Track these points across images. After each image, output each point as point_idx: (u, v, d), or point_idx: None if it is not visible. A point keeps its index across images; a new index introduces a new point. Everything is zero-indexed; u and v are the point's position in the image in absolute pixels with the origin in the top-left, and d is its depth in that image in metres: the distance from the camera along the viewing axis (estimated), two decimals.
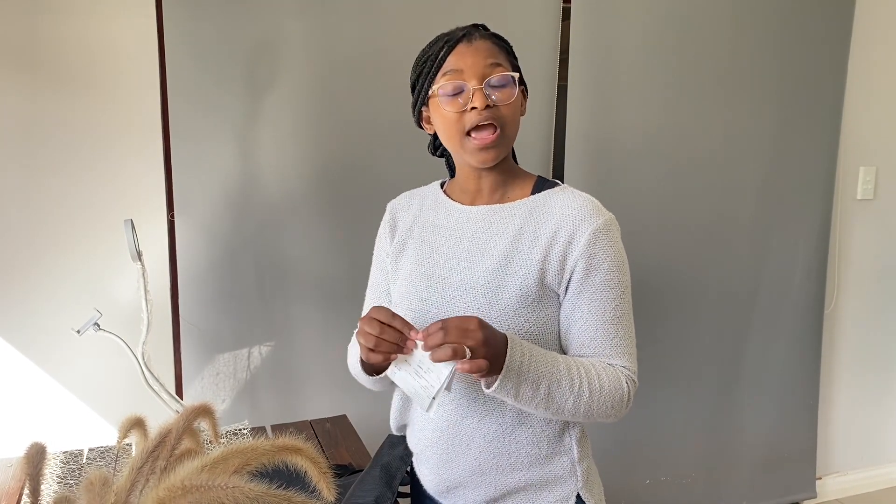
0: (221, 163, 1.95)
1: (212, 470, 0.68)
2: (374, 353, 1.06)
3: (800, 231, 2.58)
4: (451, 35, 1.18)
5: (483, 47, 1.15)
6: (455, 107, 1.14)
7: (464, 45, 1.15)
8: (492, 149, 1.15)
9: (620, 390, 1.13)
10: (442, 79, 1.15)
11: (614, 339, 1.15)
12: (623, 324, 1.16)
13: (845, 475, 2.93)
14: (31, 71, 1.80)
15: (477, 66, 1.13)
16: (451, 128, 1.16)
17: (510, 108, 1.15)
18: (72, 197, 1.87)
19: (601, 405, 1.11)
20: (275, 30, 1.94)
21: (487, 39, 1.17)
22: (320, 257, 2.06)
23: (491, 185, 1.22)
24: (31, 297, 1.87)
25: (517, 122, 1.18)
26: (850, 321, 2.82)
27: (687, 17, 2.31)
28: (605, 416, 1.13)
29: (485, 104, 1.12)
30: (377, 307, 1.08)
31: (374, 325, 1.05)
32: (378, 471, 1.31)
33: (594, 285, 1.14)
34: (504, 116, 1.14)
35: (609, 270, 1.14)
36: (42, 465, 0.78)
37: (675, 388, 2.52)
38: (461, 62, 1.14)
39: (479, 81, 1.13)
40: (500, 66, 1.14)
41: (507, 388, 1.05)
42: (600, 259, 1.14)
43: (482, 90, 1.12)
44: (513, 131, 1.18)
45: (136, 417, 0.88)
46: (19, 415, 1.89)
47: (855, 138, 2.66)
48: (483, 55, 1.14)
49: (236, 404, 2.05)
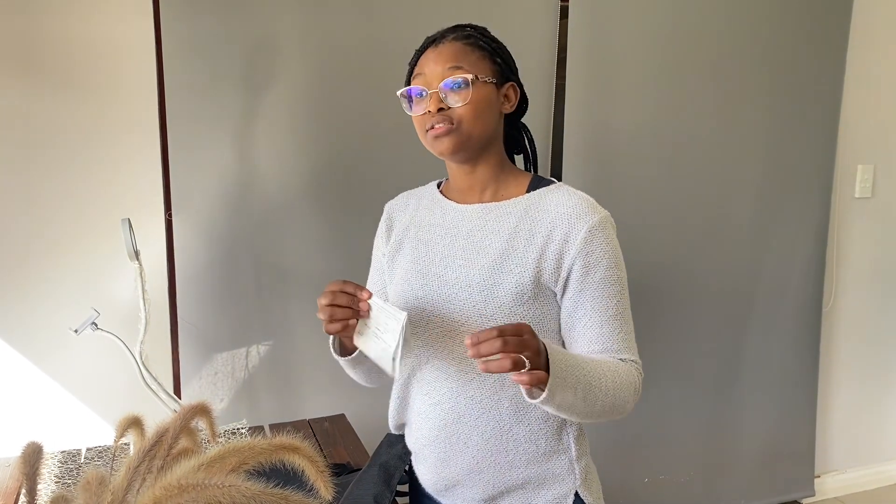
0: (219, 162, 1.95)
1: (208, 469, 0.67)
2: (332, 323, 1.10)
3: (798, 229, 2.58)
4: (430, 38, 1.22)
5: (447, 51, 1.17)
6: (418, 108, 1.19)
7: (431, 49, 1.19)
8: (444, 138, 1.16)
9: (633, 383, 1.15)
10: (413, 81, 1.20)
11: (619, 335, 1.16)
12: (625, 318, 1.18)
13: (844, 473, 2.94)
14: (27, 71, 1.80)
15: (436, 70, 1.16)
16: (417, 127, 1.20)
17: (465, 108, 1.15)
18: (69, 196, 1.86)
19: (622, 399, 1.12)
20: (272, 29, 1.94)
21: (458, 41, 1.18)
22: (318, 256, 2.06)
23: (481, 181, 1.23)
24: (28, 297, 1.86)
25: (478, 119, 1.17)
26: (848, 319, 2.82)
27: (684, 16, 2.31)
28: (623, 412, 1.15)
29: (437, 107, 1.15)
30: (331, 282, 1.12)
31: (326, 296, 1.10)
32: (376, 470, 1.32)
33: (595, 283, 1.15)
34: (459, 116, 1.16)
35: (608, 267, 1.15)
36: (39, 465, 0.78)
37: (674, 387, 2.52)
38: (426, 66, 1.18)
39: (437, 84, 1.16)
40: (459, 69, 1.15)
41: (552, 398, 1.01)
42: (598, 256, 1.14)
43: (437, 93, 1.15)
44: (472, 127, 1.17)
45: (134, 416, 0.88)
46: (17, 414, 1.89)
47: (853, 136, 2.67)
48: (444, 58, 1.16)
49: (234, 404, 2.05)
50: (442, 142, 1.17)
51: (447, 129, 1.15)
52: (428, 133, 1.18)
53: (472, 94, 1.15)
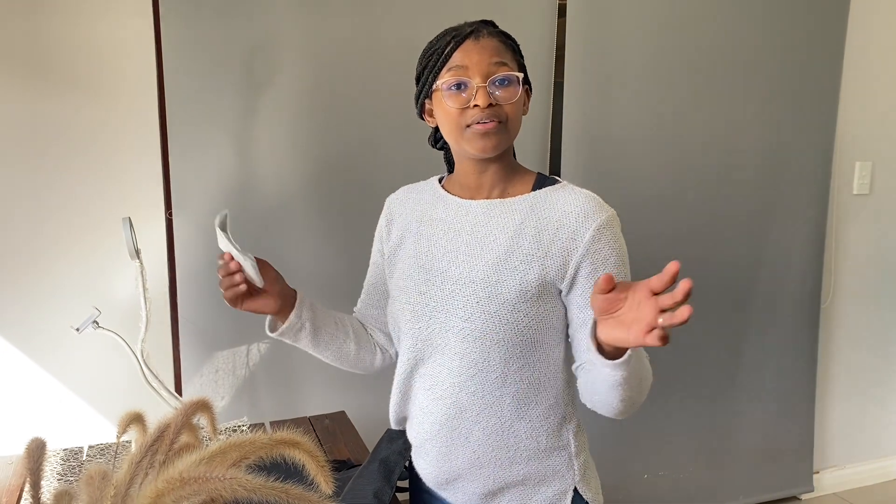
0: (219, 161, 1.96)
1: (210, 463, 0.68)
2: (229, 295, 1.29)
3: (796, 226, 2.59)
4: (458, 30, 1.18)
5: (489, 45, 1.15)
6: (458, 102, 1.15)
7: (471, 42, 1.16)
8: (493, 135, 1.15)
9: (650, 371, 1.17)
10: (447, 74, 1.16)
11: None
12: None
13: (843, 469, 2.95)
14: (29, 73, 1.81)
15: (482, 63, 1.14)
16: (452, 122, 1.17)
17: (513, 106, 1.16)
18: (70, 196, 1.87)
19: (648, 385, 1.15)
20: (272, 30, 1.95)
21: (495, 37, 1.17)
22: (318, 255, 2.06)
23: (491, 180, 1.23)
24: (30, 296, 1.87)
25: (519, 119, 1.19)
26: (846, 315, 2.83)
27: (682, 13, 2.32)
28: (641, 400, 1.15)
29: (487, 102, 1.13)
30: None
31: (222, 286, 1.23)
32: (377, 465, 1.32)
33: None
34: (507, 114, 1.15)
35: (616, 265, 1.15)
36: (42, 461, 0.79)
37: (673, 384, 2.53)
38: (467, 59, 1.15)
39: (484, 79, 1.14)
40: (504, 66, 1.15)
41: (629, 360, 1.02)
42: (607, 254, 1.15)
43: (486, 88, 1.13)
44: (515, 127, 1.18)
45: (135, 413, 0.89)
46: (19, 413, 1.90)
47: (851, 134, 2.67)
48: (489, 53, 1.14)
49: (235, 401, 2.06)
50: (489, 138, 1.15)
51: (497, 127, 1.15)
52: (470, 128, 1.15)
53: (519, 92, 1.15)
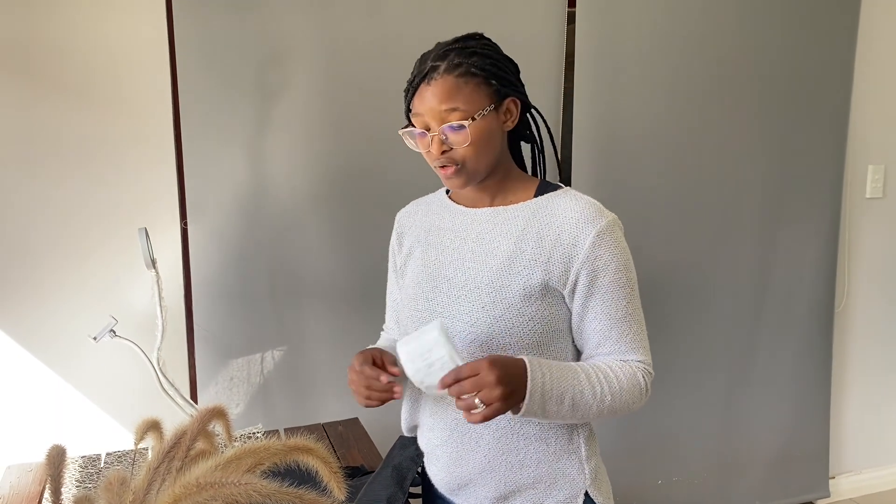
0: (233, 171, 1.98)
1: (226, 468, 0.70)
2: (369, 403, 1.15)
3: (809, 230, 2.58)
4: (420, 68, 1.18)
5: (441, 89, 1.14)
6: (421, 146, 1.20)
7: (423, 87, 1.16)
8: (453, 179, 1.19)
9: (638, 385, 1.17)
10: (413, 118, 1.20)
11: (628, 336, 1.19)
12: (635, 319, 1.20)
13: (859, 474, 2.93)
14: (45, 81, 1.83)
15: (434, 111, 1.15)
16: (425, 158, 1.22)
17: (467, 149, 1.16)
18: (87, 206, 1.90)
19: (622, 402, 1.16)
20: (285, 38, 1.97)
21: (450, 75, 1.15)
22: (332, 262, 2.08)
23: (490, 191, 1.26)
24: (48, 305, 1.90)
25: (481, 154, 1.18)
26: (860, 319, 2.81)
27: (691, 19, 2.32)
28: (627, 411, 1.18)
29: (440, 150, 1.16)
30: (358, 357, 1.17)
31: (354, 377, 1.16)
32: (389, 471, 1.34)
33: (604, 286, 1.17)
34: (462, 156, 1.17)
35: (617, 270, 1.17)
36: (63, 467, 0.81)
37: (686, 389, 2.52)
38: (421, 106, 1.17)
39: (438, 125, 1.16)
40: (454, 111, 1.14)
41: (533, 411, 1.09)
42: (607, 260, 1.16)
43: (438, 136, 1.16)
44: (477, 164, 1.18)
45: (153, 420, 0.91)
46: (38, 420, 1.93)
47: (863, 137, 2.66)
48: (439, 99, 1.14)
49: (250, 408, 2.08)
50: (452, 181, 1.20)
51: (455, 171, 1.18)
52: (437, 170, 1.21)
53: (471, 134, 1.15)
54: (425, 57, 1.19)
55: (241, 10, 1.92)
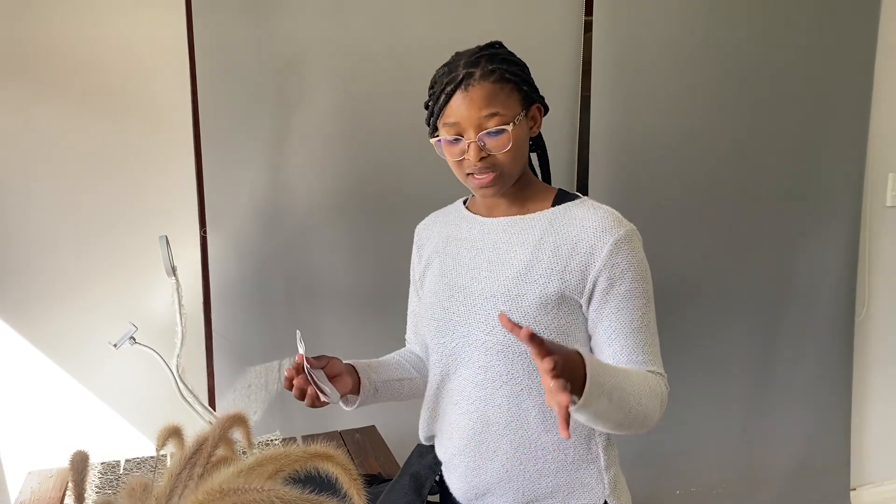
0: (251, 179, 1.99)
1: (247, 475, 0.70)
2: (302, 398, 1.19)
3: (829, 238, 2.56)
4: (453, 76, 1.16)
5: (479, 95, 1.14)
6: (454, 154, 1.18)
7: (460, 94, 1.15)
8: (490, 187, 1.18)
9: (661, 395, 1.15)
10: (443, 128, 1.18)
11: (644, 347, 1.17)
12: (650, 331, 1.18)
13: (880, 486, 2.89)
14: (68, 91, 1.86)
15: (472, 118, 1.14)
16: (454, 168, 1.21)
17: (507, 154, 1.16)
18: (108, 215, 1.92)
19: (651, 410, 1.11)
20: (303, 47, 1.98)
21: (486, 81, 1.14)
22: (349, 270, 2.09)
23: (508, 199, 1.25)
24: (69, 313, 1.92)
25: (517, 159, 1.18)
26: (881, 328, 2.78)
27: (707, 27, 2.31)
28: (651, 424, 1.12)
29: (479, 157, 1.15)
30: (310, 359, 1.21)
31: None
32: (407, 479, 1.34)
33: (619, 295, 1.16)
34: (500, 163, 1.17)
35: (633, 280, 1.16)
36: (86, 473, 0.82)
37: (705, 399, 2.50)
38: (458, 113, 1.15)
39: (475, 133, 1.15)
40: (495, 116, 1.14)
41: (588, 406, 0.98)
42: (623, 269, 1.15)
43: (476, 143, 1.15)
44: (513, 169, 1.19)
45: (174, 426, 0.91)
46: (58, 427, 1.94)
47: (883, 144, 2.64)
48: (478, 105, 1.14)
49: (268, 416, 2.08)
50: (487, 189, 1.19)
51: (492, 178, 1.17)
52: (469, 177, 1.19)
53: (512, 139, 1.15)
54: (453, 65, 1.17)
55: (260, 21, 1.94)
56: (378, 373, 1.34)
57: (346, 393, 1.26)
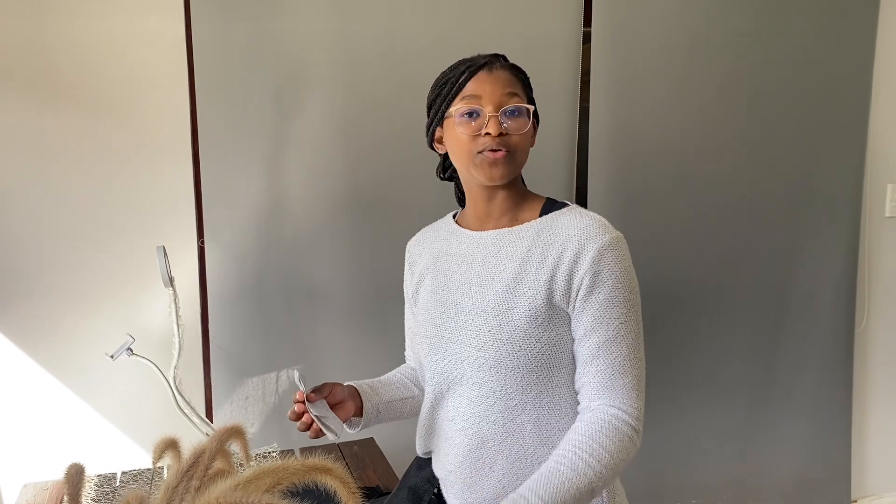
0: (250, 190, 1.99)
1: (245, 488, 0.69)
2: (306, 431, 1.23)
3: (828, 249, 2.56)
4: (473, 61, 1.22)
5: (502, 76, 1.20)
6: (470, 130, 1.18)
7: (484, 73, 1.19)
8: (501, 164, 1.18)
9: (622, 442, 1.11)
10: (460, 102, 1.20)
11: (616, 360, 1.13)
12: (626, 342, 1.14)
13: (882, 498, 2.87)
14: (64, 98, 1.86)
15: (495, 93, 1.18)
16: (463, 148, 1.20)
17: (522, 137, 1.19)
18: (104, 225, 1.92)
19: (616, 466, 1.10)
20: (302, 57, 1.99)
21: (507, 70, 1.21)
22: (348, 281, 2.08)
23: (500, 207, 1.25)
24: (65, 323, 1.91)
25: (527, 150, 1.23)
26: (882, 339, 2.77)
27: (708, 37, 2.32)
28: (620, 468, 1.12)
29: (498, 131, 1.16)
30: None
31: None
32: (406, 492, 1.33)
33: (598, 301, 1.13)
34: (515, 144, 1.18)
35: (614, 287, 1.13)
36: (81, 486, 0.81)
37: (704, 411, 2.49)
38: (480, 88, 1.18)
39: (496, 109, 1.17)
40: (516, 96, 1.19)
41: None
42: (605, 276, 1.13)
43: (497, 117, 1.16)
44: (522, 158, 1.22)
45: (171, 438, 0.90)
46: (54, 439, 1.93)
47: (882, 155, 2.64)
48: (501, 84, 1.19)
49: (265, 428, 2.07)
50: (498, 167, 1.18)
51: (505, 156, 1.18)
52: (481, 155, 1.18)
53: (529, 124, 1.19)
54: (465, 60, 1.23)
55: (259, 29, 1.94)
56: (380, 394, 1.34)
57: (348, 418, 1.27)
